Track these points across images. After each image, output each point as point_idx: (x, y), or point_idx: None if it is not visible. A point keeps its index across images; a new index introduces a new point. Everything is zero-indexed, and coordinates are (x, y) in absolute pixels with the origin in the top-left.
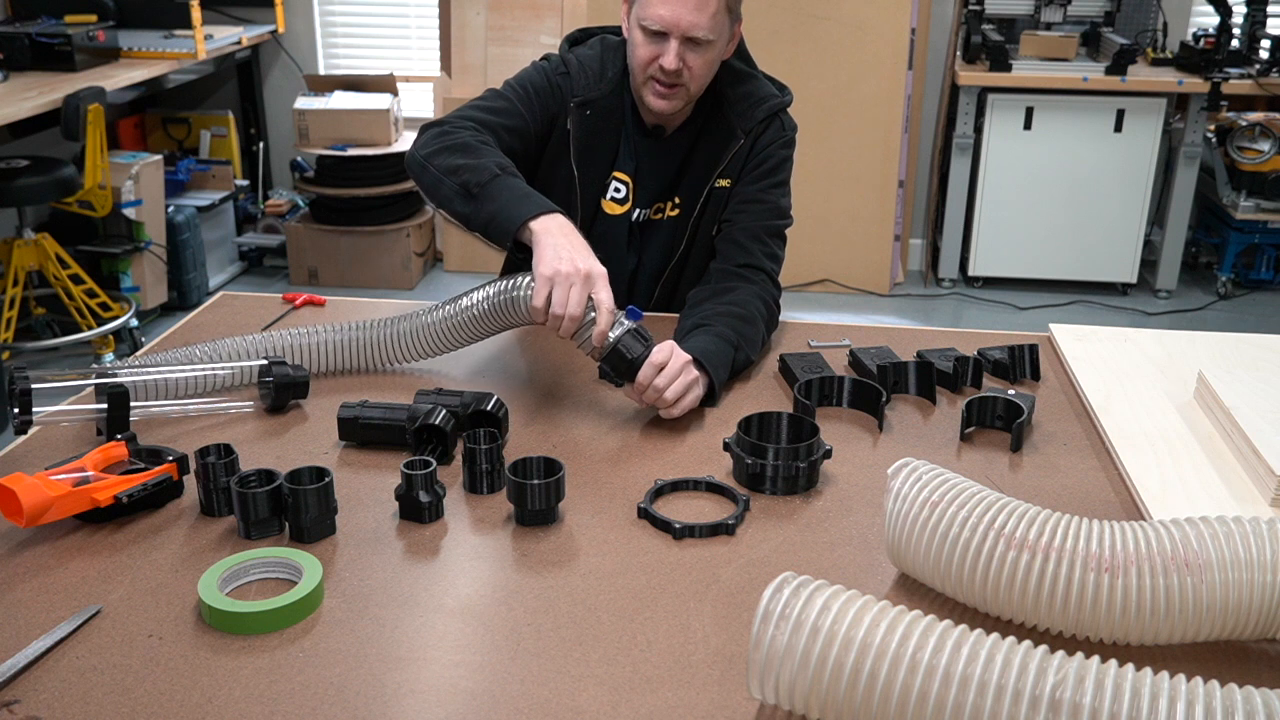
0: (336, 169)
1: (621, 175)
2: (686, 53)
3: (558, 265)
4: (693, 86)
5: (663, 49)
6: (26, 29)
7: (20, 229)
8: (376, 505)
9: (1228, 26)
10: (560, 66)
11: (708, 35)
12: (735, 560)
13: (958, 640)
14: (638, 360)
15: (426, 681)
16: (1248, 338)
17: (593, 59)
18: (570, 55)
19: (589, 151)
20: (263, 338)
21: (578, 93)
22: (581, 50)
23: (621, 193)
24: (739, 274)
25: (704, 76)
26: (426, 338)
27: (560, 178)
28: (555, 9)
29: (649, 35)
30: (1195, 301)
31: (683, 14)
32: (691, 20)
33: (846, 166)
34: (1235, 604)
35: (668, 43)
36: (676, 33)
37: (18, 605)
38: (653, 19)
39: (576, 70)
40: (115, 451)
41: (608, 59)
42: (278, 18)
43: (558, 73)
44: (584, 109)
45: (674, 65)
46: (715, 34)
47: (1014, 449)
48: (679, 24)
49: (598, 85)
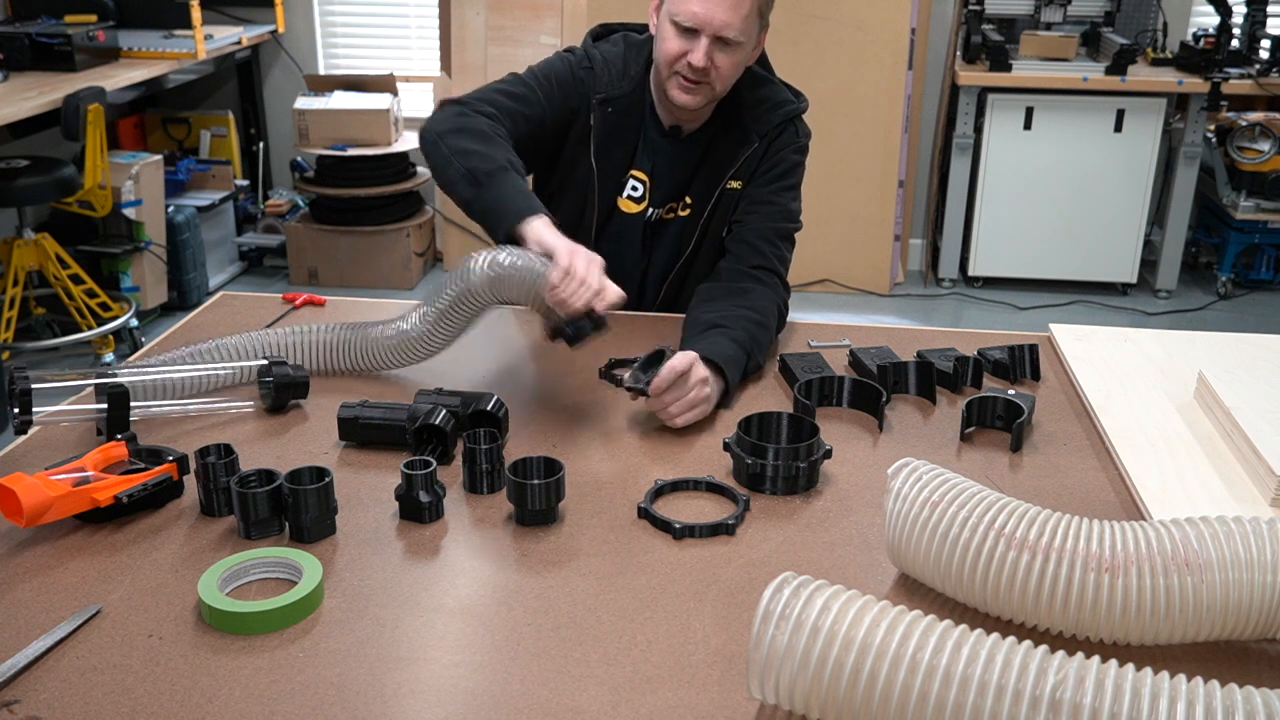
0: (336, 169)
1: (639, 174)
2: (716, 52)
3: (575, 248)
4: (718, 86)
5: (693, 45)
6: (26, 29)
7: (20, 229)
8: (376, 505)
9: (1228, 26)
10: (585, 61)
11: (738, 36)
12: (735, 560)
13: (958, 640)
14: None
15: (426, 681)
16: (1248, 338)
17: (616, 56)
18: (595, 51)
19: (608, 148)
20: (258, 335)
21: (601, 89)
22: (605, 46)
23: (639, 191)
24: (753, 275)
25: (730, 77)
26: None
27: (579, 173)
28: (555, 9)
29: (680, 31)
30: (1195, 301)
31: (717, 12)
32: (725, 19)
33: (846, 166)
34: (1235, 604)
35: (698, 40)
36: (708, 30)
37: (18, 605)
38: (686, 15)
39: (601, 66)
40: (115, 451)
41: (630, 57)
42: (278, 18)
43: (582, 66)
44: (606, 106)
45: (703, 63)
46: (745, 36)
47: (1014, 449)
48: (712, 22)
49: (620, 83)
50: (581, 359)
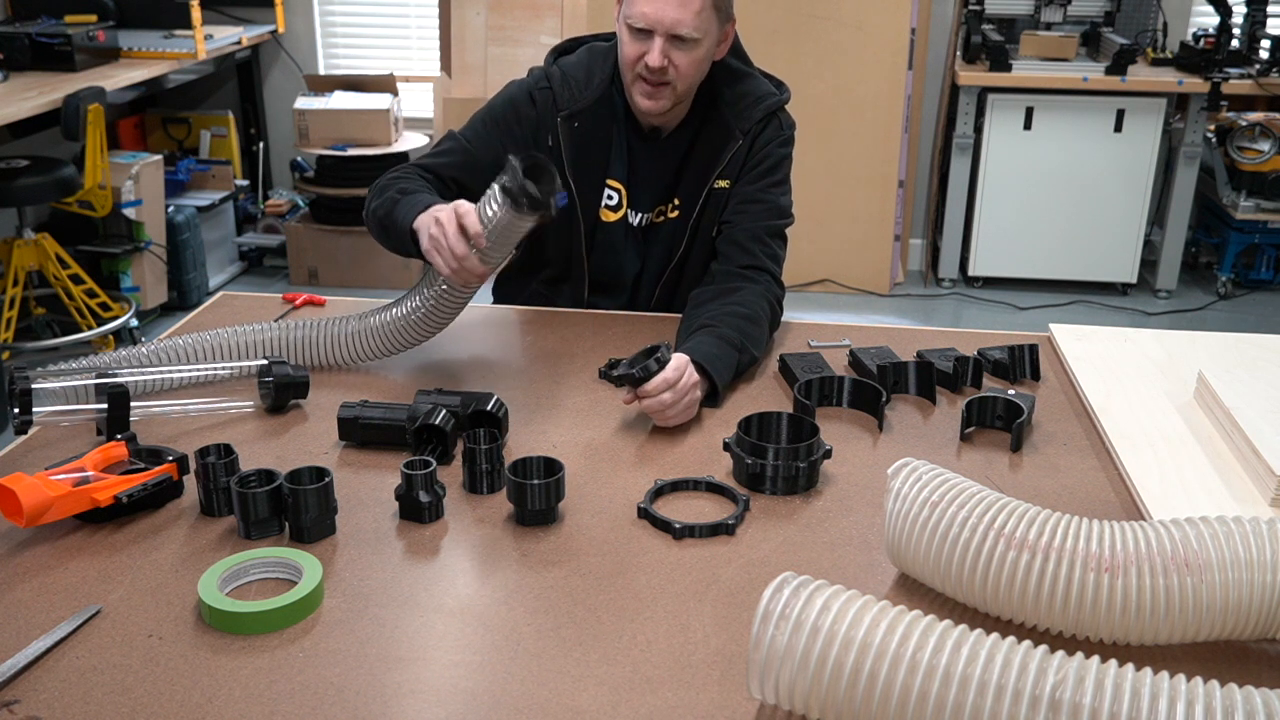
0: (336, 169)
1: (613, 183)
2: (672, 51)
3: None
4: (680, 86)
5: (648, 47)
6: (26, 29)
7: (20, 229)
8: (376, 505)
9: (1228, 26)
10: (542, 82)
11: (693, 33)
12: (735, 560)
13: (958, 640)
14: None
15: (426, 681)
16: (1248, 338)
17: (578, 67)
18: (554, 69)
19: (581, 161)
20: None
21: (563, 106)
22: (566, 60)
23: (614, 200)
24: (743, 275)
25: (691, 76)
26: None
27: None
28: (555, 9)
29: (635, 33)
30: (1195, 301)
31: (666, 11)
32: (675, 17)
33: (846, 166)
34: (1235, 604)
35: (653, 40)
36: (661, 30)
37: (18, 605)
38: (637, 16)
39: (560, 83)
40: (115, 451)
41: (594, 65)
42: (278, 18)
43: (538, 88)
44: (572, 121)
45: (659, 63)
46: (701, 32)
47: (1014, 449)
48: (663, 21)
49: (584, 94)
50: (582, 359)
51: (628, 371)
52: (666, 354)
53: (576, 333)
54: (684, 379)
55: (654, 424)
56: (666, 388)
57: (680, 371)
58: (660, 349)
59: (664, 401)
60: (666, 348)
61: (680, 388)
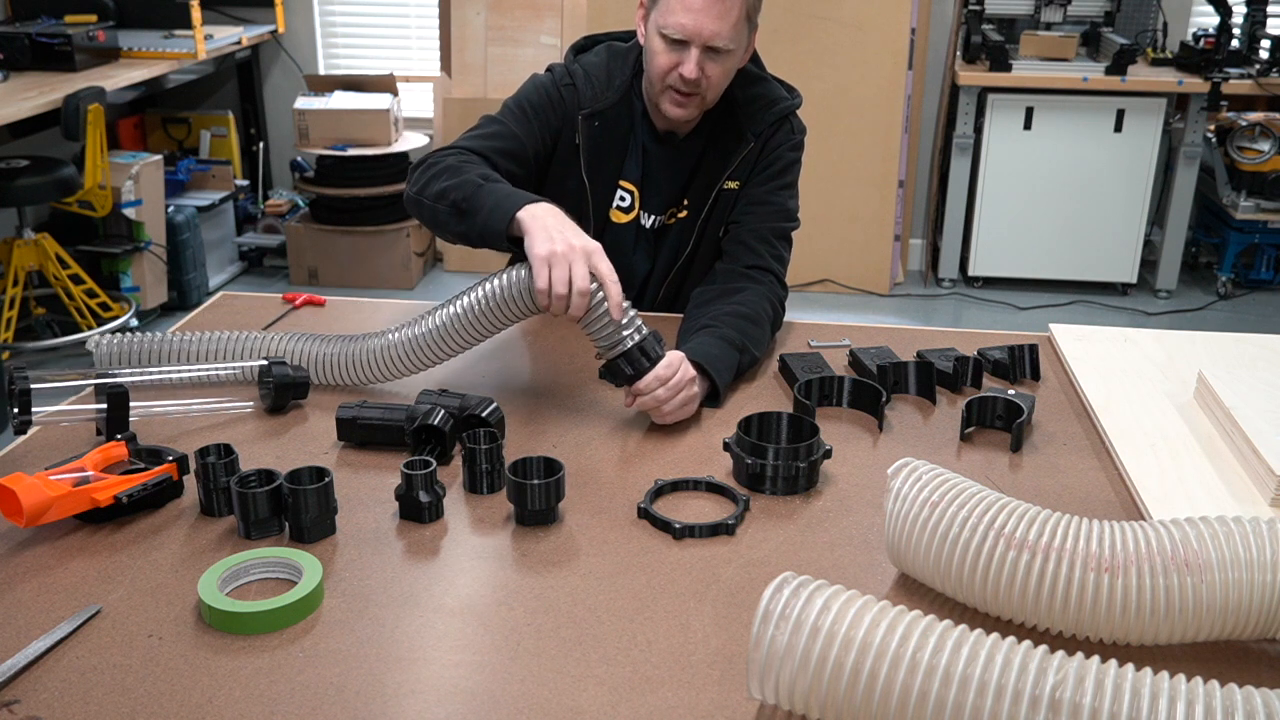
0: (336, 169)
1: (627, 184)
2: (706, 61)
3: (552, 246)
4: (709, 95)
5: (683, 57)
6: (26, 29)
7: (20, 229)
8: (376, 505)
9: (1228, 26)
10: (565, 78)
11: (728, 45)
12: (735, 560)
13: (958, 640)
14: (653, 364)
15: (426, 681)
16: (1248, 338)
17: (599, 67)
18: (576, 66)
19: (598, 162)
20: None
21: (585, 104)
22: (587, 59)
23: (626, 201)
24: (746, 275)
25: (721, 85)
26: (424, 346)
27: (569, 190)
28: (555, 9)
29: (669, 43)
30: (1195, 301)
31: (705, 23)
32: (714, 29)
33: (846, 166)
34: (1235, 604)
35: (688, 51)
36: (698, 41)
37: (18, 605)
38: (674, 27)
39: (583, 81)
40: (115, 451)
41: (615, 66)
42: (278, 18)
43: (562, 84)
44: (593, 120)
45: (694, 74)
46: (735, 43)
47: (1014, 449)
48: (701, 33)
49: (605, 95)
50: (581, 358)
51: (624, 368)
52: (656, 347)
53: (578, 332)
54: (677, 375)
55: (654, 425)
56: (660, 384)
57: (673, 368)
58: (647, 339)
59: (658, 398)
60: (654, 336)
61: (673, 384)
